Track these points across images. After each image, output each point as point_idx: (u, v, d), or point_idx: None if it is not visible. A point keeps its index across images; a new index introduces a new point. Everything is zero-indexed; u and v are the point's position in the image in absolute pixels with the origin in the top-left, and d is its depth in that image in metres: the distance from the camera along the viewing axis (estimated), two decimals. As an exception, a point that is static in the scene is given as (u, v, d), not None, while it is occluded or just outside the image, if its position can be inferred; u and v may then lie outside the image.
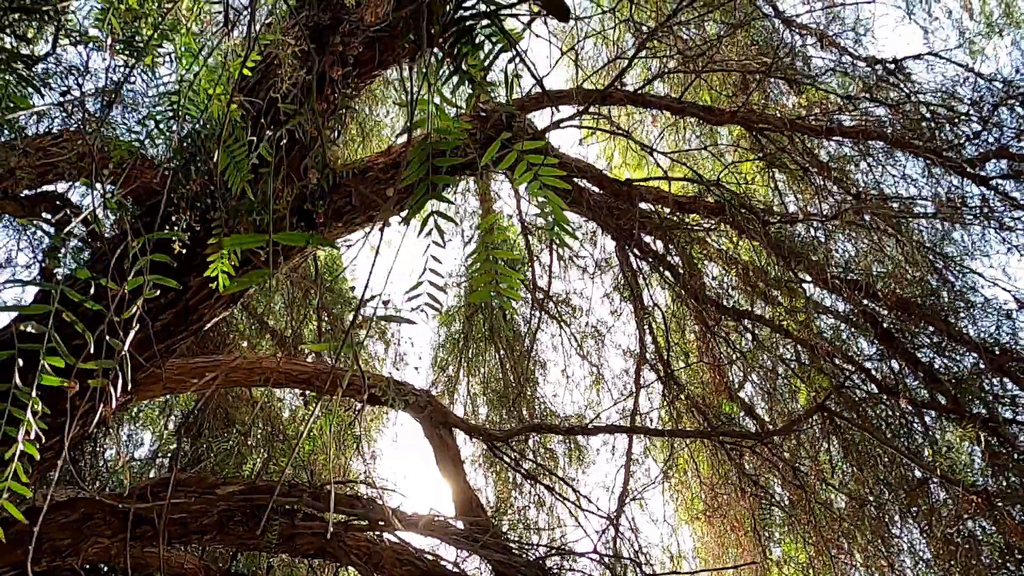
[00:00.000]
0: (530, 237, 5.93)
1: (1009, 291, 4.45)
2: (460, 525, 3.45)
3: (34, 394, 1.35)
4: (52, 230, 5.41)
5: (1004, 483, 3.85)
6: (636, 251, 4.70)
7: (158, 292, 2.12)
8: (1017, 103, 4.35)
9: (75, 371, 1.55)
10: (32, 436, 1.48)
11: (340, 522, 3.32)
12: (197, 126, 1.64)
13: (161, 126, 1.60)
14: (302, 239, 1.45)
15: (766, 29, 5.51)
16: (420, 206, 1.18)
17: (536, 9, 1.42)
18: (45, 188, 4.79)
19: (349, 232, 3.13)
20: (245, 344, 4.97)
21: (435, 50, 1.33)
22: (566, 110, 4.06)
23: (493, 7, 1.22)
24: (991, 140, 4.79)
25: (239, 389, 4.26)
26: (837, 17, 5.86)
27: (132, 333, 1.55)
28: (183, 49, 1.76)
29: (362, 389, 3.45)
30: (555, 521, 5.34)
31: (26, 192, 4.83)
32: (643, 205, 5.05)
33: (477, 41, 1.28)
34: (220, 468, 3.41)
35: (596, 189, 5.07)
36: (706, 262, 5.35)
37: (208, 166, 1.66)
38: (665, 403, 4.90)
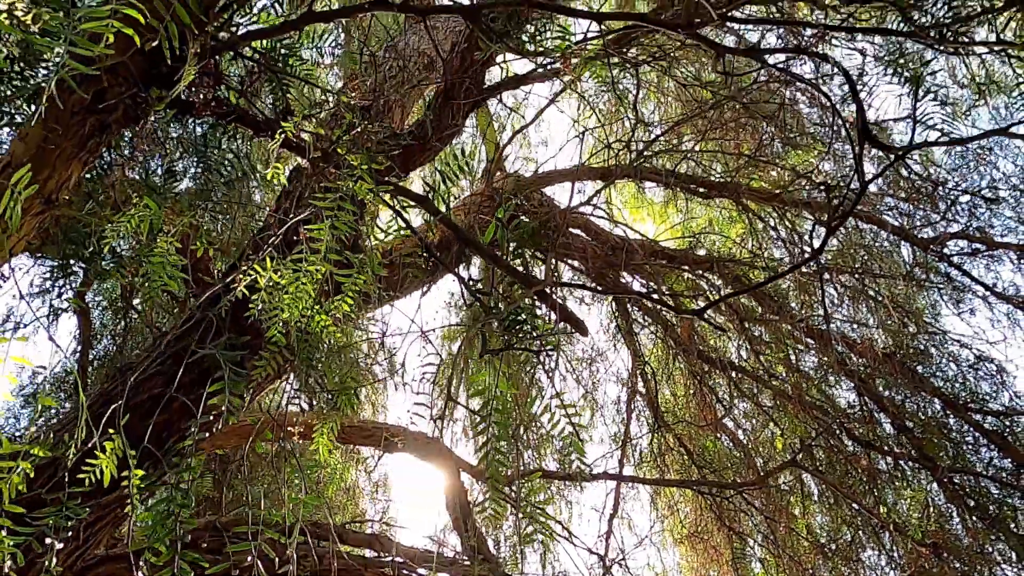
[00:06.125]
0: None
1: (969, 347, 4.90)
2: (468, 562, 3.88)
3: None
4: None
5: (962, 531, 4.30)
6: (631, 304, 5.11)
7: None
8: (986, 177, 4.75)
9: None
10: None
11: (362, 560, 3.75)
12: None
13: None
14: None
15: (759, 87, 5.88)
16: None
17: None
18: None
19: (374, 310, 3.53)
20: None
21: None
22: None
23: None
24: (963, 204, 5.20)
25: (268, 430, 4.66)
26: (826, 76, 6.24)
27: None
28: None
29: (383, 441, 3.87)
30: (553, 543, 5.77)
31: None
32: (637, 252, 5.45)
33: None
34: (252, 511, 3.81)
35: (591, 240, 5.47)
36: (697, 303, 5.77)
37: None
38: (653, 448, 5.33)
